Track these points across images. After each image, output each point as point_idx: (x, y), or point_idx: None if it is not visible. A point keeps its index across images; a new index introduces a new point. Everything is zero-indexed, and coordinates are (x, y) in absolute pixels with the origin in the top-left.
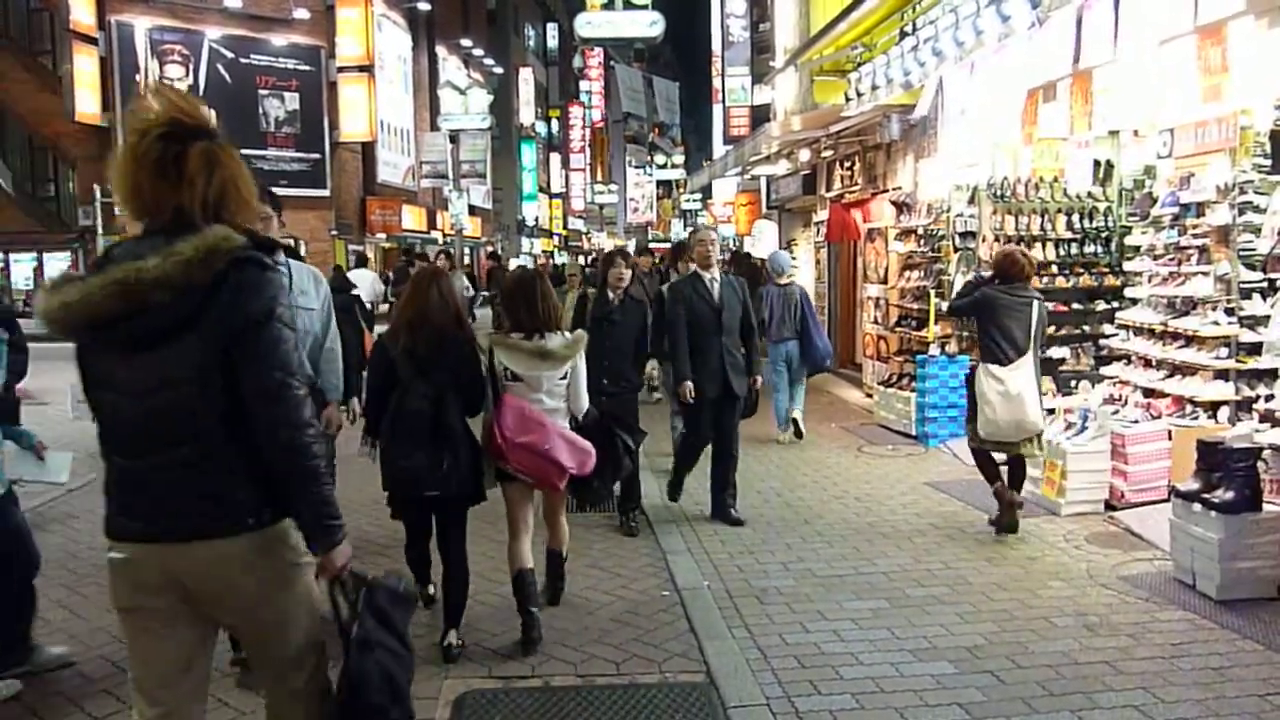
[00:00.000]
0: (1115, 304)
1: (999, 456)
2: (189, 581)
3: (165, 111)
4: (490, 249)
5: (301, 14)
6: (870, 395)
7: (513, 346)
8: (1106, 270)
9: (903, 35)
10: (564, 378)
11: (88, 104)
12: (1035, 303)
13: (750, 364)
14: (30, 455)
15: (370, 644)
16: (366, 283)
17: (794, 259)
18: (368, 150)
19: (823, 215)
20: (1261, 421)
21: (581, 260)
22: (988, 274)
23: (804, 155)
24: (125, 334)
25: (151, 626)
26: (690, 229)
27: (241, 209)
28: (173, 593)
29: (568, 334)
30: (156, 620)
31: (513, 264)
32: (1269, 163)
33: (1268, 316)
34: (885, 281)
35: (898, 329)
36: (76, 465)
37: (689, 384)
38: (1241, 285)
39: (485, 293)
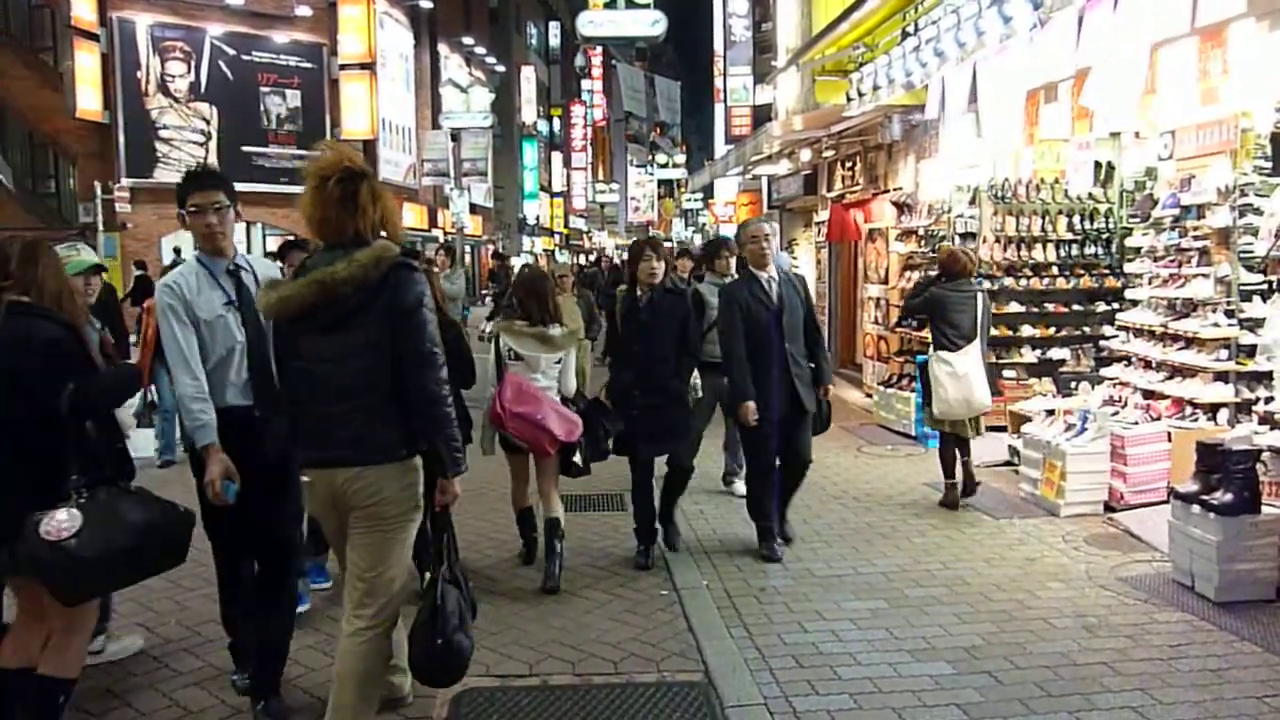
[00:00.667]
0: (1115, 305)
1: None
2: (343, 497)
3: (338, 160)
4: (493, 248)
5: (304, 11)
6: (870, 395)
7: (519, 332)
8: (1107, 272)
9: (904, 35)
10: (558, 361)
11: (89, 100)
12: (979, 295)
13: (820, 372)
14: None
15: (457, 582)
16: None
17: (795, 259)
18: (369, 148)
19: (824, 215)
20: (1261, 424)
21: (580, 260)
22: (935, 273)
23: (805, 155)
24: (322, 319)
25: (332, 524)
26: (699, 231)
27: (395, 228)
28: (336, 503)
29: (565, 327)
30: (334, 521)
31: (515, 262)
32: (1269, 165)
33: (1266, 319)
34: (886, 282)
35: (898, 329)
36: None
37: (750, 404)
38: (1242, 287)
39: (484, 291)
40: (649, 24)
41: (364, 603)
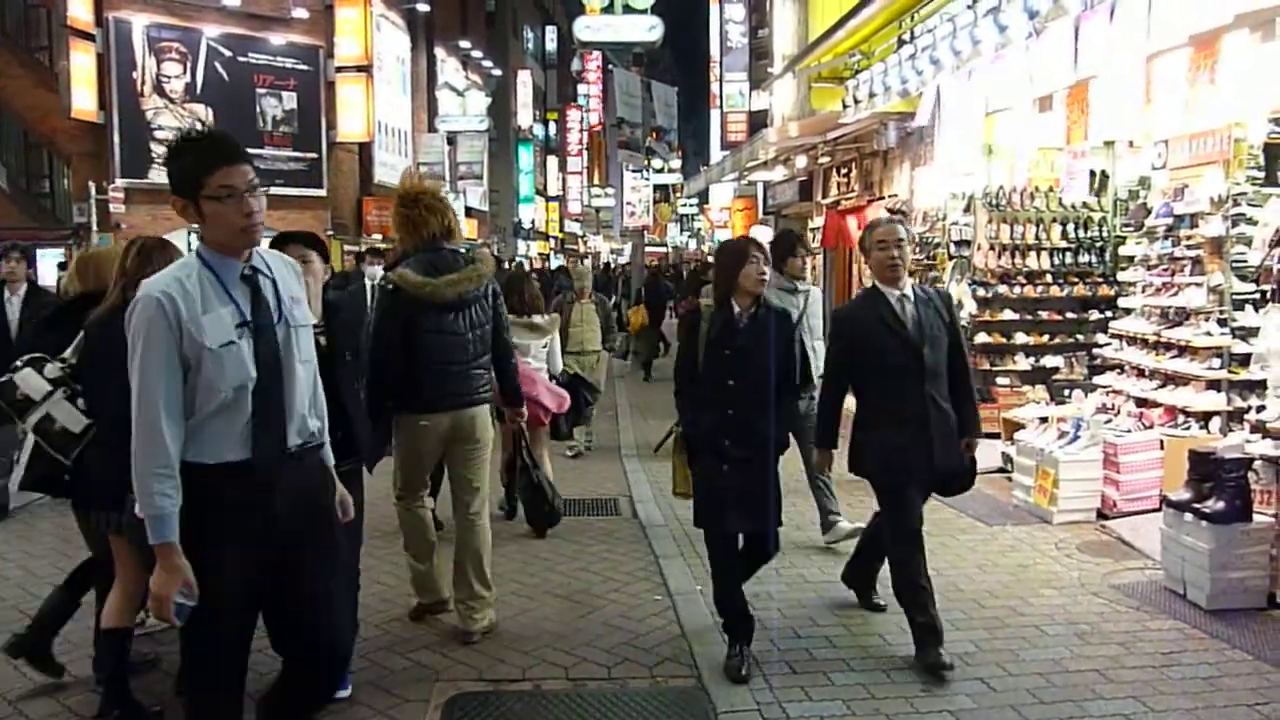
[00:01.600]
0: (1109, 314)
1: None
2: (463, 429)
3: (427, 185)
4: (486, 250)
5: (300, 13)
6: None
7: (515, 320)
8: (1100, 280)
9: (901, 43)
10: (544, 346)
11: (84, 101)
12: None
13: (964, 420)
14: None
15: (529, 468)
16: None
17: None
18: (365, 150)
19: (819, 222)
20: (1253, 432)
21: (598, 263)
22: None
23: (801, 161)
24: (457, 304)
25: (432, 458)
26: (694, 236)
27: (460, 237)
28: (451, 436)
29: (546, 316)
30: (437, 455)
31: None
32: (1262, 175)
33: (1259, 328)
34: None
35: None
36: None
37: (831, 452)
38: (1234, 296)
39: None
40: (646, 29)
41: (471, 502)
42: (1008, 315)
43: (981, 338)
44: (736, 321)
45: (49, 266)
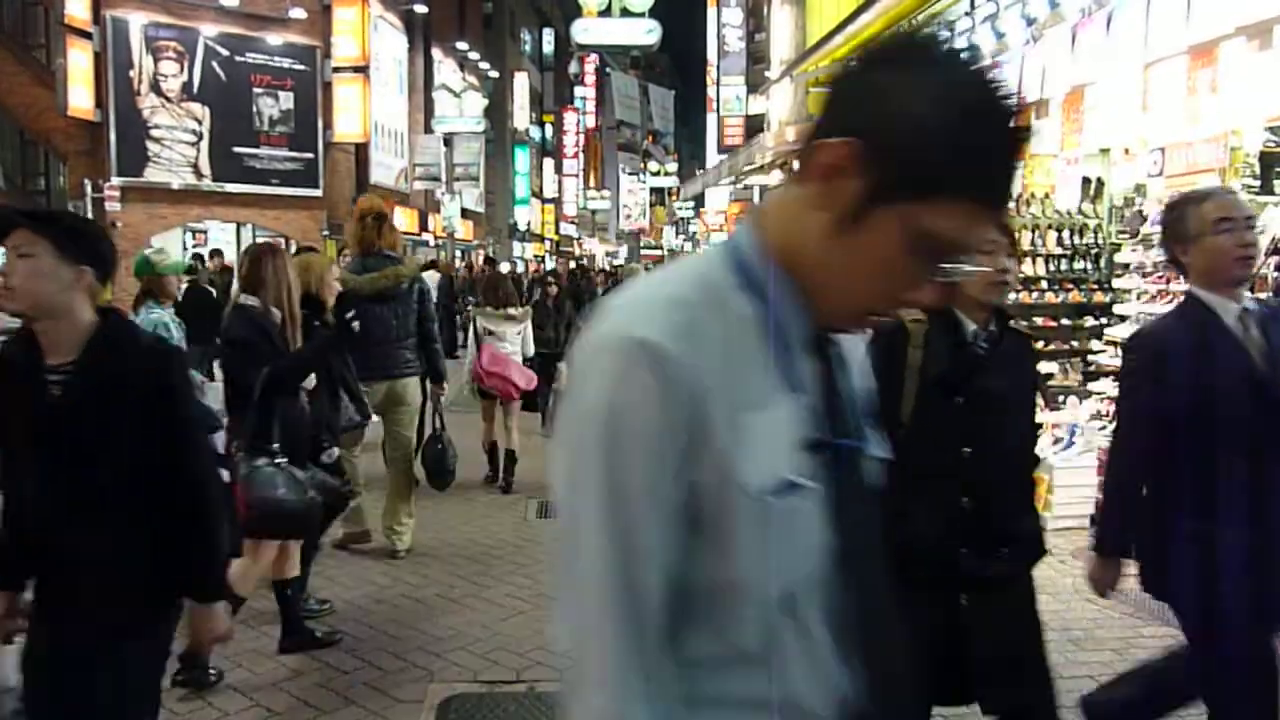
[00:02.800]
0: (1104, 320)
1: None
2: (394, 395)
3: (374, 205)
4: (483, 253)
5: (298, 13)
6: None
7: (490, 315)
8: (1095, 287)
9: None
10: (518, 333)
11: (81, 99)
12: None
13: None
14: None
15: (436, 433)
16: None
17: None
18: (361, 151)
19: None
20: None
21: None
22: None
23: (797, 166)
24: (385, 297)
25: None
26: (689, 240)
27: (398, 246)
28: (388, 401)
29: (520, 309)
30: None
31: (504, 267)
32: (1258, 184)
33: None
34: None
35: None
36: None
37: (1117, 564)
38: None
39: (473, 298)
40: (643, 32)
41: (399, 451)
42: None
43: None
44: (971, 349)
45: None
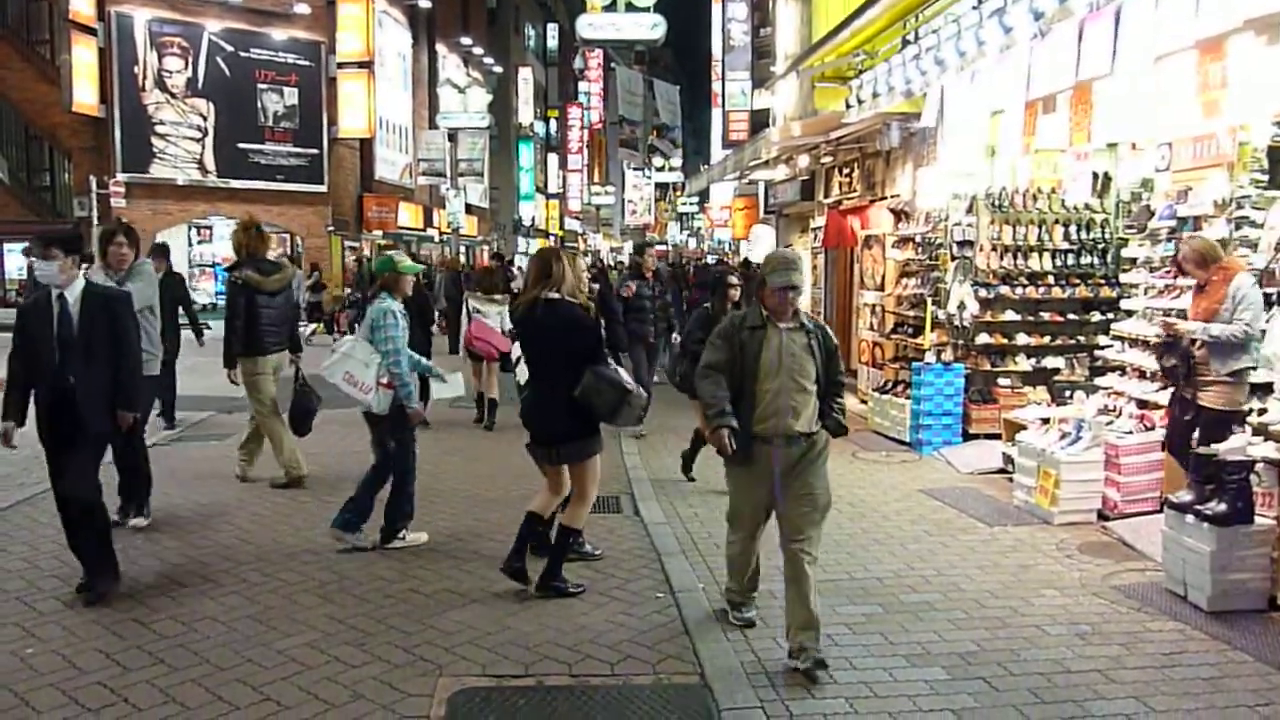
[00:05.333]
0: (1111, 315)
1: None
2: (278, 364)
3: (253, 219)
4: (489, 248)
5: (302, 9)
6: (865, 401)
7: (480, 298)
8: (1102, 282)
9: (905, 44)
10: (498, 312)
11: (85, 95)
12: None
13: None
14: (439, 379)
15: (301, 383)
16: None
17: None
18: (366, 147)
19: (820, 221)
20: (1255, 435)
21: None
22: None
23: (803, 161)
24: (277, 292)
25: (274, 382)
26: (694, 235)
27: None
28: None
29: (502, 295)
30: (275, 380)
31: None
32: (1266, 178)
33: (1264, 331)
34: (882, 288)
35: (893, 336)
36: None
37: None
38: None
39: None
40: (648, 27)
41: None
42: (1009, 316)
43: (983, 338)
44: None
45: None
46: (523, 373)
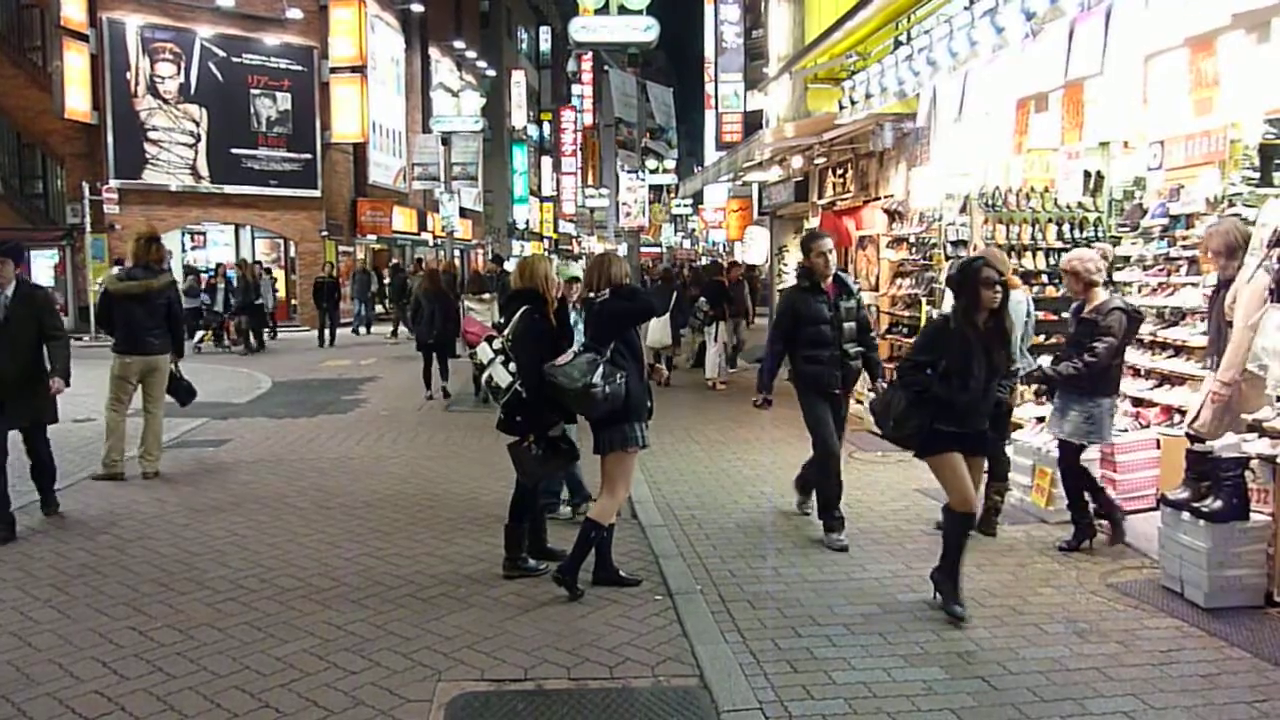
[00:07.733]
0: None
1: None
2: (150, 365)
3: (150, 231)
4: (485, 251)
5: (295, 14)
6: (860, 402)
7: (471, 298)
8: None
9: (897, 44)
10: (487, 310)
11: (77, 101)
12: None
13: None
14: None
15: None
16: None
17: (784, 265)
18: (359, 151)
19: (815, 222)
20: (1249, 431)
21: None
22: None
23: (797, 162)
24: (146, 299)
25: (136, 381)
26: (688, 236)
27: (164, 260)
28: (138, 376)
29: (489, 295)
30: (137, 381)
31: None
32: (1257, 175)
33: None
34: (876, 289)
35: (888, 336)
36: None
37: None
38: None
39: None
40: (641, 30)
41: (153, 405)
42: None
43: None
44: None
45: (43, 266)
46: (484, 352)
